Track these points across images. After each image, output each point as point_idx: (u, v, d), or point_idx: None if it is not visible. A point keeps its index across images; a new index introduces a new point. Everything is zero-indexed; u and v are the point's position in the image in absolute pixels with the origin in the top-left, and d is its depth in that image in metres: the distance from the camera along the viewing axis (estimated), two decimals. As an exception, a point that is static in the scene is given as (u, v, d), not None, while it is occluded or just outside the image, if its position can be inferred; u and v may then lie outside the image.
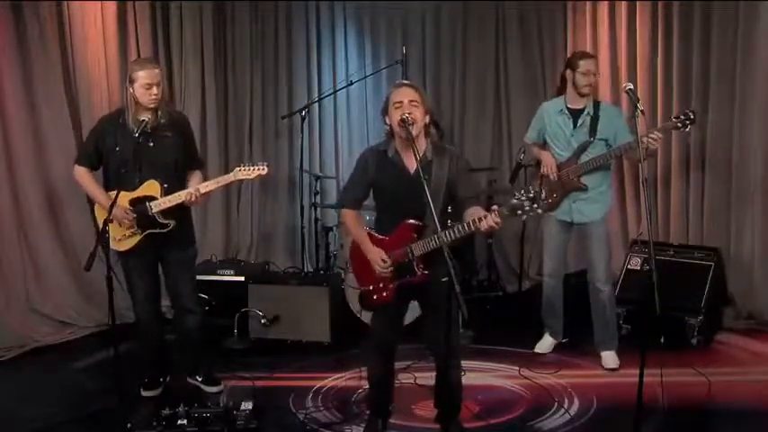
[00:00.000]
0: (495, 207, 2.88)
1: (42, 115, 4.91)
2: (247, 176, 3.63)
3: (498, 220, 2.84)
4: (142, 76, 3.45)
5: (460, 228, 2.92)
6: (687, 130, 3.99)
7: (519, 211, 2.83)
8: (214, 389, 3.91)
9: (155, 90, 3.48)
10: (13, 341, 4.59)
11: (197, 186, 3.59)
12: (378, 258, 3.07)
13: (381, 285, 3.12)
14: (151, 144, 3.52)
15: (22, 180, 4.84)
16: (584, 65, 4.12)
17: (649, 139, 3.83)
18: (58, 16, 4.94)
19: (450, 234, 2.92)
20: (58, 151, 4.92)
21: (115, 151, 3.55)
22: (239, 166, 3.65)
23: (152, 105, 3.51)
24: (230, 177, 3.62)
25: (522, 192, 2.82)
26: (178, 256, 3.73)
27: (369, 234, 3.16)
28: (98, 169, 3.68)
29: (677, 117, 3.94)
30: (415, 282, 3.08)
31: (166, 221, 3.59)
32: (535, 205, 2.81)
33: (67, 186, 5.02)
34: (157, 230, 3.59)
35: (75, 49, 5.06)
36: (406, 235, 3.06)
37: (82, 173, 3.66)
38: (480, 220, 2.87)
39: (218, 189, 3.75)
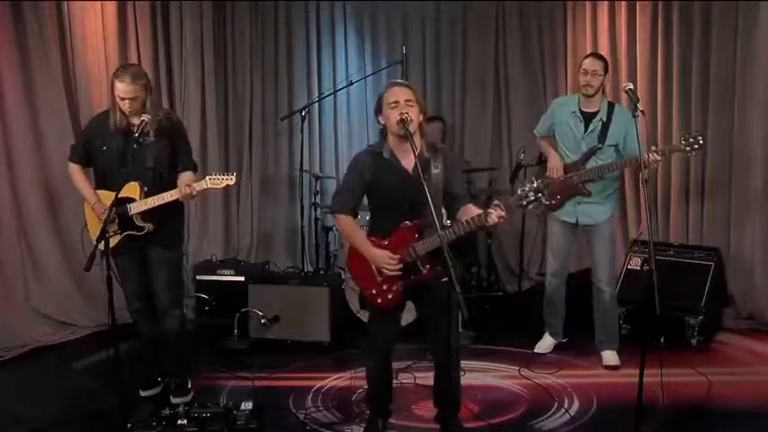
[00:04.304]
0: (496, 201, 2.89)
1: (42, 115, 4.91)
2: (216, 186, 3.56)
3: (503, 213, 2.87)
4: (117, 86, 3.46)
5: (465, 224, 2.92)
6: (694, 154, 3.96)
7: (524, 201, 2.86)
8: (179, 399, 3.71)
9: (127, 104, 3.47)
10: (13, 341, 4.58)
11: (186, 184, 3.54)
12: (385, 258, 3.04)
13: (386, 288, 3.10)
14: (135, 147, 3.49)
15: (22, 180, 4.84)
16: (584, 63, 4.11)
17: (650, 156, 3.78)
18: (57, 16, 4.94)
19: (454, 231, 2.93)
20: (58, 151, 4.91)
21: (102, 151, 3.59)
22: (209, 175, 3.59)
23: (128, 113, 3.52)
24: (203, 185, 3.54)
25: (527, 183, 2.86)
26: (157, 256, 3.69)
27: (369, 240, 3.13)
28: (89, 167, 3.72)
29: (685, 140, 3.88)
30: (421, 280, 3.06)
31: (143, 224, 3.58)
32: (540, 194, 2.84)
33: (67, 186, 4.98)
34: (134, 233, 3.58)
35: (76, 49, 5.06)
36: (408, 236, 3.05)
37: (74, 169, 3.72)
38: (488, 214, 2.88)
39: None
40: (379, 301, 3.12)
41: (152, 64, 5.53)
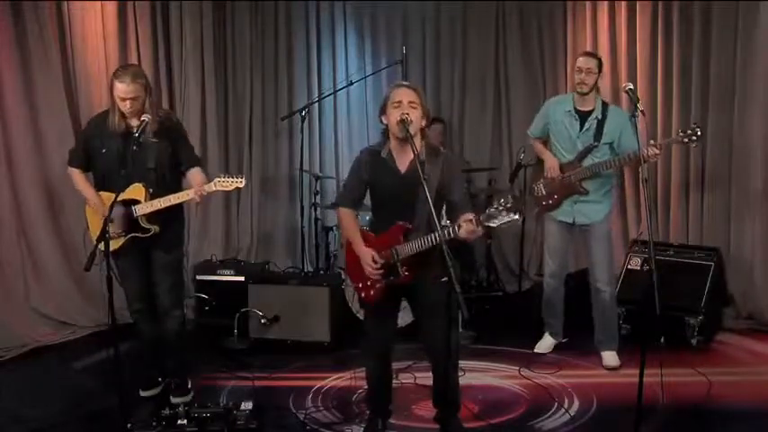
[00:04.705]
0: (470, 216, 2.87)
1: (42, 115, 4.91)
2: (225, 188, 3.58)
3: (472, 227, 2.84)
4: (117, 87, 3.45)
5: (443, 233, 2.88)
6: (694, 145, 3.95)
7: (495, 220, 2.82)
8: (179, 399, 3.74)
9: (128, 104, 3.46)
10: (13, 341, 4.58)
11: (199, 187, 3.57)
12: (369, 258, 3.08)
13: (369, 284, 3.14)
14: (135, 148, 3.46)
15: (22, 180, 4.84)
16: (579, 61, 4.13)
17: (649, 150, 3.79)
18: (58, 16, 4.94)
19: (431, 239, 2.92)
20: (58, 151, 4.91)
21: (102, 153, 3.58)
22: (219, 177, 3.60)
23: (128, 114, 3.51)
24: (211, 187, 3.56)
25: (502, 201, 2.81)
26: (159, 259, 3.70)
27: (361, 232, 3.18)
28: (89, 170, 3.71)
29: (683, 132, 3.88)
30: (399, 283, 3.09)
31: (149, 226, 3.58)
32: (512, 214, 2.80)
33: (67, 186, 4.98)
34: (140, 234, 3.58)
35: (76, 49, 5.06)
36: (395, 236, 3.07)
37: (74, 173, 3.71)
38: (460, 226, 2.86)
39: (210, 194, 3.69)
40: (363, 295, 3.18)
41: (152, 64, 5.53)
